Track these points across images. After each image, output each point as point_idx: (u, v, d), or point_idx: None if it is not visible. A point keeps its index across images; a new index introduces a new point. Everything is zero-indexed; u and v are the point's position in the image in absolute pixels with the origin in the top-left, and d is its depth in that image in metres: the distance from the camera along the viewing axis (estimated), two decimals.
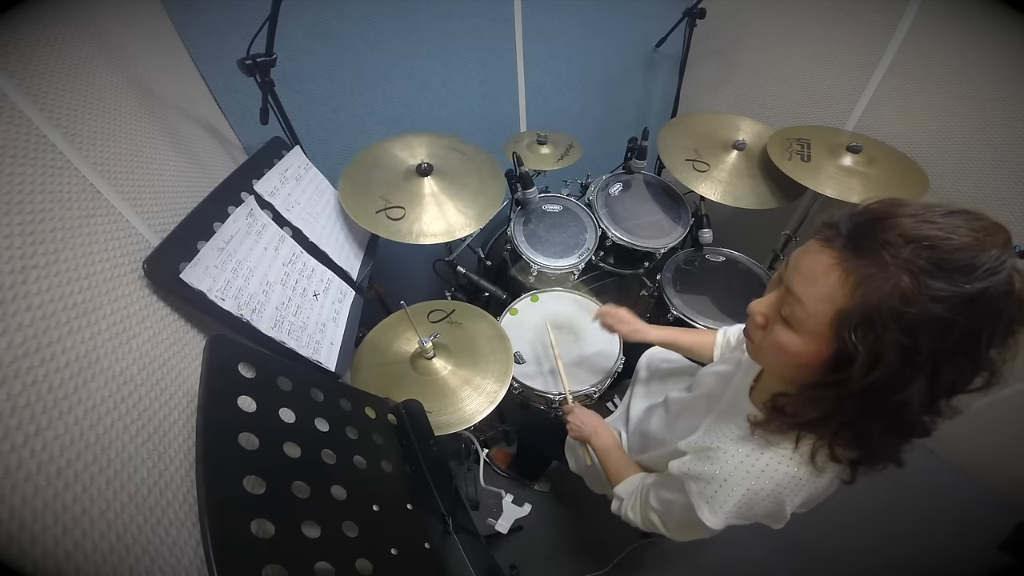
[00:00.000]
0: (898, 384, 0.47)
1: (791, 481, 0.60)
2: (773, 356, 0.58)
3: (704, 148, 1.58)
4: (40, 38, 0.72)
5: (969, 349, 0.45)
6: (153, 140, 0.93)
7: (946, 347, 0.44)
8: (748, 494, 0.62)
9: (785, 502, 0.61)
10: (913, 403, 0.48)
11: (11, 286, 0.52)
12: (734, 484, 0.62)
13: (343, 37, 1.40)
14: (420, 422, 0.91)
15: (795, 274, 0.53)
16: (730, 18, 1.83)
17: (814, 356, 0.53)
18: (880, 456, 0.56)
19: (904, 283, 0.44)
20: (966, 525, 1.56)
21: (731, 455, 0.64)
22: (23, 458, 0.46)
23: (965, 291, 0.42)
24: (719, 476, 0.64)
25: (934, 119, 1.42)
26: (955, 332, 0.43)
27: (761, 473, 0.61)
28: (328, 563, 0.56)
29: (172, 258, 0.79)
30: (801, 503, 0.62)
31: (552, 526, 1.60)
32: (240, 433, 0.60)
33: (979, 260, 0.43)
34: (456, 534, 0.82)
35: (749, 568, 1.50)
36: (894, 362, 0.46)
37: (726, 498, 0.63)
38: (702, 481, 0.66)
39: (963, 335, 0.44)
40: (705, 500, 0.66)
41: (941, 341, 0.44)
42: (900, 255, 0.44)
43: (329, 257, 1.18)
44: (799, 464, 0.59)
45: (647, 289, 1.68)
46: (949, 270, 0.43)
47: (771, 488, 0.60)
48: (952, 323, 0.43)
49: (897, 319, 0.44)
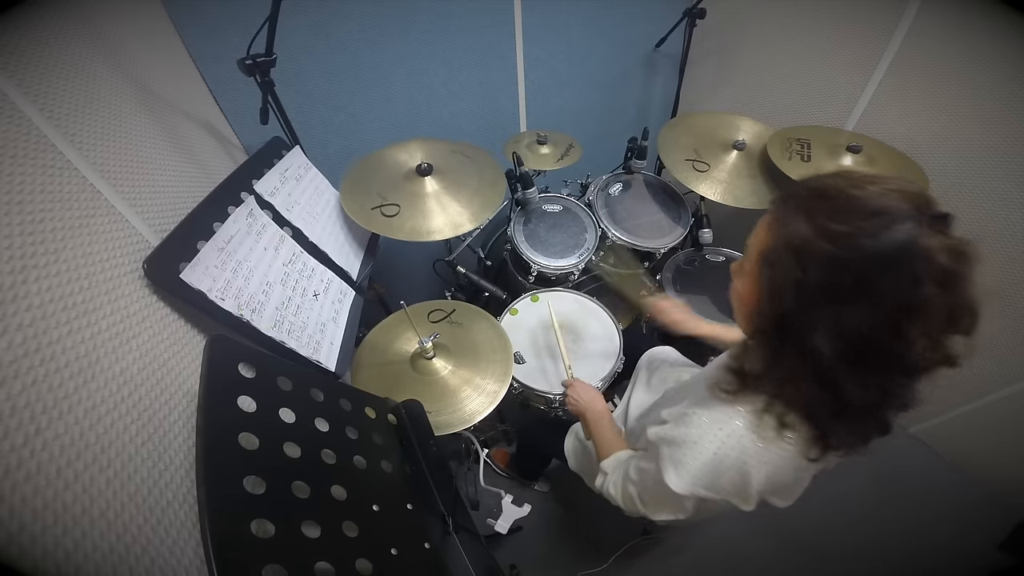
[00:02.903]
0: (804, 322, 0.51)
1: (755, 449, 0.60)
2: (735, 307, 0.66)
3: (704, 148, 1.58)
4: (40, 38, 0.72)
5: (866, 295, 0.47)
6: (153, 140, 0.93)
7: (839, 287, 0.48)
8: (714, 459, 0.62)
9: (750, 473, 0.61)
10: (821, 348, 0.50)
11: (11, 286, 0.52)
12: (701, 447, 0.63)
13: (343, 37, 1.40)
14: (420, 422, 0.91)
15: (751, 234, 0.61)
16: (730, 18, 1.83)
17: (751, 297, 0.59)
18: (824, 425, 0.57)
19: (800, 222, 0.51)
20: (966, 525, 1.56)
21: (704, 419, 0.65)
22: (23, 458, 0.46)
23: (851, 231, 0.47)
24: (689, 439, 0.65)
25: (934, 119, 1.42)
26: (845, 272, 0.48)
27: (728, 437, 0.62)
28: (328, 563, 0.56)
29: (172, 258, 0.79)
30: (766, 479, 0.62)
31: (552, 526, 1.60)
32: (240, 433, 0.60)
33: (870, 205, 0.47)
34: (456, 534, 0.82)
35: (749, 566, 1.50)
36: (791, 294, 0.51)
37: (692, 460, 0.64)
38: (674, 445, 0.67)
39: (856, 278, 0.47)
40: (673, 464, 0.66)
41: (833, 280, 0.48)
42: (803, 202, 0.52)
43: (329, 257, 1.18)
44: (757, 429, 0.60)
45: (647, 289, 1.68)
46: (840, 212, 0.48)
47: (736, 455, 0.61)
48: (840, 261, 0.48)
49: (794, 253, 0.51)
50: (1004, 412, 1.49)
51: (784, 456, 0.60)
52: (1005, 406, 1.48)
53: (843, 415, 0.55)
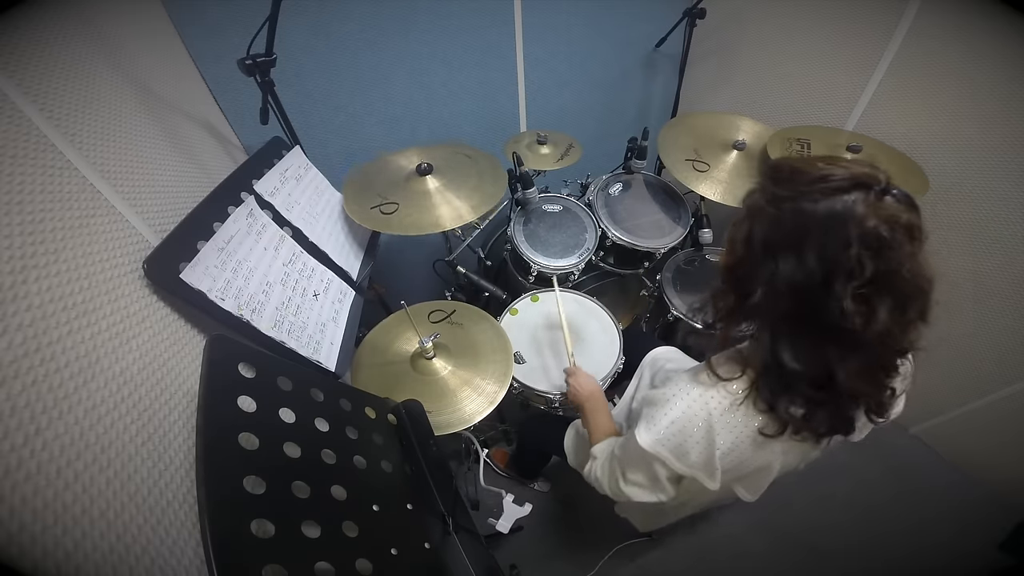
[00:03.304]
0: (749, 273, 0.60)
1: (721, 412, 0.64)
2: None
3: (704, 148, 1.58)
4: (40, 38, 0.72)
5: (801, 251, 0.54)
6: (153, 140, 0.93)
7: (778, 241, 0.56)
8: (683, 418, 0.67)
9: (715, 440, 0.65)
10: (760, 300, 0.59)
11: (11, 286, 0.52)
12: (673, 404, 0.68)
13: (343, 37, 1.40)
14: (420, 422, 0.91)
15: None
16: (730, 18, 1.83)
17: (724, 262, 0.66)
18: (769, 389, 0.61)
19: (757, 194, 0.60)
20: (966, 525, 1.56)
21: (683, 381, 0.69)
22: (23, 458, 0.46)
23: (792, 195, 0.55)
24: (664, 397, 0.70)
25: (934, 119, 1.42)
26: (784, 229, 0.56)
27: (699, 396, 0.66)
28: (328, 563, 0.56)
29: (172, 258, 0.79)
30: (730, 448, 0.65)
31: (552, 525, 1.60)
32: (240, 433, 0.60)
33: (813, 175, 0.54)
34: (456, 534, 0.82)
35: (749, 566, 1.50)
36: (742, 247, 0.61)
37: (663, 416, 0.68)
38: (652, 404, 0.71)
39: (792, 234, 0.55)
40: (646, 420, 0.71)
41: (774, 235, 0.57)
42: (765, 178, 0.60)
43: (329, 257, 1.18)
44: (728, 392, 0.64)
45: (647, 289, 1.68)
46: (787, 182, 0.57)
47: (704, 416, 0.65)
48: (779, 219, 0.56)
49: (750, 217, 0.61)
50: (1004, 412, 1.49)
51: (748, 426, 0.64)
52: (1005, 406, 1.48)
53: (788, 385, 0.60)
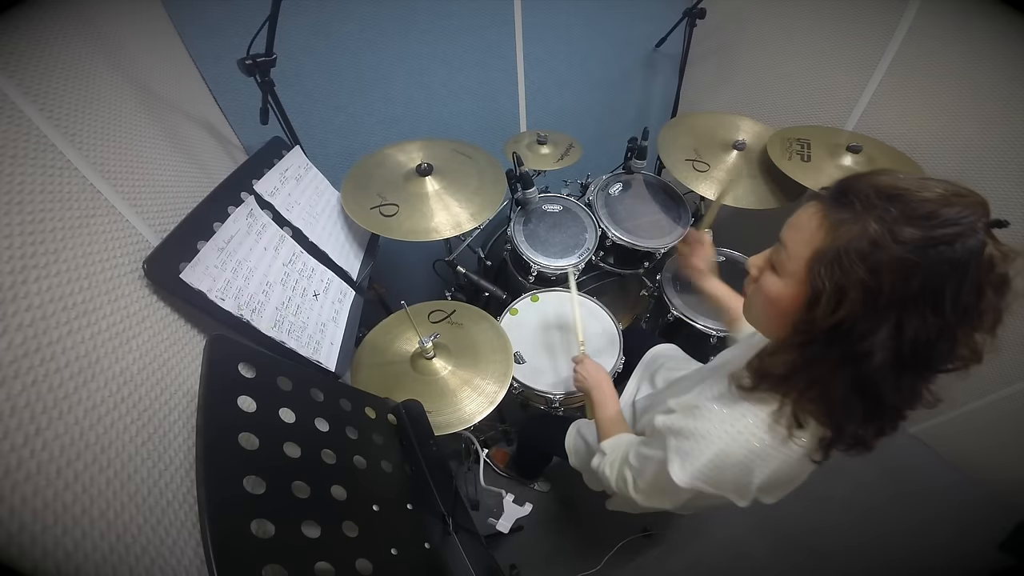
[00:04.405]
0: (861, 329, 0.49)
1: (763, 448, 0.60)
2: (760, 307, 0.62)
3: (704, 148, 1.58)
4: (40, 38, 0.72)
5: (933, 302, 0.46)
6: (153, 140, 0.93)
7: (908, 293, 0.47)
8: (721, 455, 0.61)
9: (754, 470, 0.61)
10: (875, 355, 0.49)
11: (11, 286, 0.52)
12: (710, 441, 0.62)
13: (343, 37, 1.40)
14: (420, 422, 0.91)
15: (787, 227, 0.59)
16: (730, 18, 1.83)
17: (792, 299, 0.56)
18: (844, 428, 0.56)
19: (871, 226, 0.48)
20: (966, 525, 1.56)
21: (714, 412, 0.64)
22: (23, 458, 0.46)
23: (927, 236, 0.45)
24: (698, 432, 0.64)
25: (934, 119, 1.42)
26: (917, 278, 0.46)
27: (738, 434, 0.61)
28: (328, 563, 0.56)
29: (172, 258, 0.79)
30: (769, 477, 0.61)
31: (552, 525, 1.60)
32: (240, 433, 0.60)
33: (944, 212, 0.46)
34: (456, 534, 0.82)
35: (749, 565, 1.50)
36: (857, 299, 0.48)
37: (699, 454, 0.63)
38: (681, 436, 0.66)
39: (926, 284, 0.46)
40: (679, 455, 0.65)
41: (903, 286, 0.46)
42: (874, 203, 0.49)
43: (329, 257, 1.18)
44: (770, 429, 0.59)
45: (647, 289, 1.68)
46: (913, 217, 0.46)
47: (744, 454, 0.60)
48: (914, 267, 0.46)
49: (863, 258, 0.48)
50: (1004, 412, 1.50)
51: (791, 457, 0.60)
52: (1005, 406, 1.48)
53: (868, 418, 0.55)
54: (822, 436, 0.58)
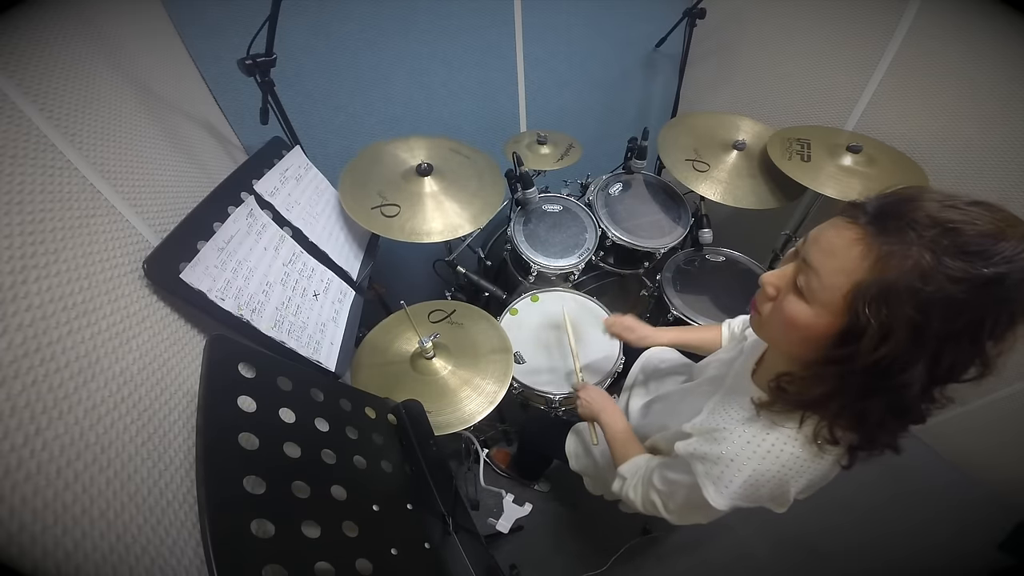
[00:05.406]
0: (903, 363, 0.47)
1: (796, 463, 0.59)
2: (780, 329, 0.59)
3: (704, 148, 1.58)
4: (40, 38, 0.72)
5: (974, 335, 0.46)
6: (153, 140, 0.93)
7: (954, 330, 0.45)
8: (754, 475, 0.61)
9: (790, 484, 0.61)
10: (914, 385, 0.48)
11: (11, 286, 0.52)
12: (740, 464, 0.62)
13: (343, 37, 1.40)
14: (420, 422, 0.91)
15: (814, 247, 0.54)
16: (730, 18, 1.83)
17: (823, 329, 0.53)
18: (878, 440, 0.57)
19: (925, 261, 0.45)
20: (966, 525, 1.56)
21: (737, 435, 0.64)
22: (23, 458, 0.46)
23: (982, 275, 0.43)
24: (725, 456, 0.64)
25: (934, 119, 1.42)
26: (965, 315, 0.44)
27: (767, 454, 0.60)
28: (328, 563, 0.56)
29: (172, 258, 0.79)
30: (804, 486, 0.62)
31: (552, 525, 1.60)
32: (240, 433, 0.60)
33: (998, 247, 0.44)
34: (456, 534, 0.82)
35: (749, 565, 1.50)
36: (904, 339, 0.46)
37: (732, 478, 0.63)
38: (709, 462, 0.66)
39: (971, 319, 0.45)
40: (712, 481, 0.65)
41: (951, 323, 0.45)
42: (924, 235, 0.46)
43: (329, 257, 1.18)
44: (803, 445, 0.59)
45: (647, 289, 1.68)
46: (969, 253, 0.44)
47: (776, 470, 0.60)
48: (965, 305, 0.44)
49: (913, 295, 0.45)
50: (1004, 412, 1.49)
51: (823, 466, 0.60)
52: (1005, 406, 1.48)
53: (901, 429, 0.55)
54: (851, 444, 0.58)
